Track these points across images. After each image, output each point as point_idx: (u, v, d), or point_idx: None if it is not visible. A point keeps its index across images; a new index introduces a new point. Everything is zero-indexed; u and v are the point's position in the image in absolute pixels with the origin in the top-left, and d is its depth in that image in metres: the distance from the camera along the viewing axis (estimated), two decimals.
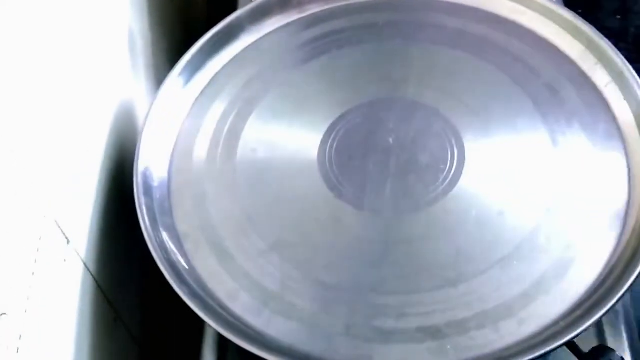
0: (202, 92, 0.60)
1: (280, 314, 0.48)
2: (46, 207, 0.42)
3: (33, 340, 0.39)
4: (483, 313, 0.47)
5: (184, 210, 0.53)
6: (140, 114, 0.63)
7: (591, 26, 0.59)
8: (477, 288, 0.48)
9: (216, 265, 0.51)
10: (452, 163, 0.54)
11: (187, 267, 0.50)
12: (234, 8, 0.72)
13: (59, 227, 0.44)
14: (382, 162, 0.55)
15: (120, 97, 0.59)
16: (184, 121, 0.59)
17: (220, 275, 0.50)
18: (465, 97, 0.57)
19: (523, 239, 0.50)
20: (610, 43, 0.57)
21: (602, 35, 0.58)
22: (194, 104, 0.60)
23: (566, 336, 0.44)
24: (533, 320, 0.47)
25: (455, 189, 0.52)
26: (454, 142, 0.55)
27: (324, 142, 0.56)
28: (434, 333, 0.47)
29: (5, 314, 0.36)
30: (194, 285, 0.49)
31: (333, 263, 0.51)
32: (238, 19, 0.63)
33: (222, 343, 0.58)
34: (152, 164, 0.55)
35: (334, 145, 0.56)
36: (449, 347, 0.46)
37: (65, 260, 0.45)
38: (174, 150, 0.57)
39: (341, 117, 0.57)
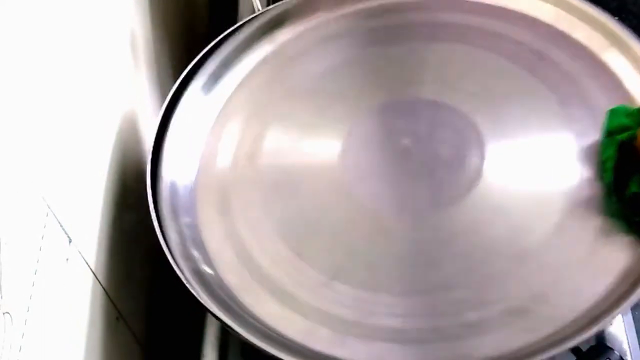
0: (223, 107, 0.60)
1: (365, 337, 0.47)
2: (48, 206, 0.42)
3: (35, 338, 0.39)
4: (559, 278, 0.47)
5: (227, 262, 0.51)
6: (143, 116, 0.62)
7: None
8: (544, 256, 0.48)
9: (281, 308, 0.48)
10: (472, 147, 0.54)
11: (253, 318, 0.48)
12: (235, 12, 0.72)
13: (62, 226, 0.44)
14: (408, 163, 0.54)
15: (122, 97, 0.58)
16: (206, 139, 0.58)
17: (288, 318, 0.48)
18: (467, 86, 0.58)
19: (569, 199, 0.50)
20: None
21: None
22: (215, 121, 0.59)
23: None
24: (606, 271, 0.47)
25: (485, 170, 0.53)
26: (467, 127, 0.55)
27: (344, 156, 0.55)
28: (521, 312, 0.46)
29: (8, 312, 0.36)
30: (272, 334, 0.47)
31: (396, 274, 0.50)
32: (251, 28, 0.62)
33: (223, 342, 0.57)
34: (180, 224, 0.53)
35: (357, 156, 0.55)
36: (540, 321, 0.46)
37: (67, 260, 0.45)
38: (193, 200, 0.55)
39: (355, 125, 0.56)
